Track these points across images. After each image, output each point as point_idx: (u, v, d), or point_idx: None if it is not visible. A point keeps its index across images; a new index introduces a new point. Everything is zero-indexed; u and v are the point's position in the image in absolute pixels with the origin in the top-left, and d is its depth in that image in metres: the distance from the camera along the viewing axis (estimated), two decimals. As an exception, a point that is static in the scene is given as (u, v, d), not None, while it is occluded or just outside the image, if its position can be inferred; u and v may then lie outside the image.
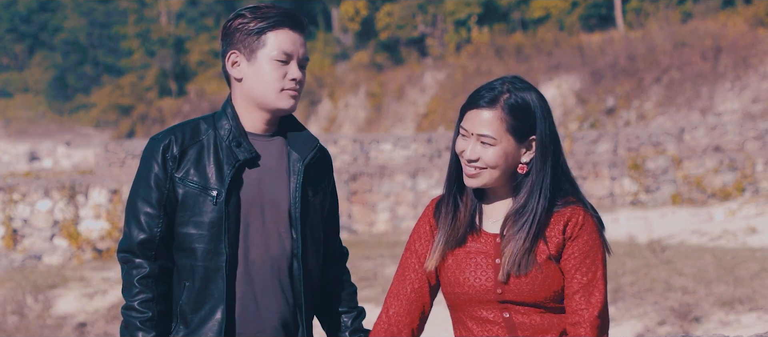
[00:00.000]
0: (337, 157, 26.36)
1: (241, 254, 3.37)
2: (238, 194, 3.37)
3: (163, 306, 3.38)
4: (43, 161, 46.97)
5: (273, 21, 3.39)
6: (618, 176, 21.89)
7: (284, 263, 3.41)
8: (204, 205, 3.35)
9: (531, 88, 3.22)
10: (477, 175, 3.19)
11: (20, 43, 62.45)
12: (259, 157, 3.40)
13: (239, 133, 3.40)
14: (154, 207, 3.36)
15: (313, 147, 3.46)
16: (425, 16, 42.72)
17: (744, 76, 31.25)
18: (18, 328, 14.43)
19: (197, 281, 3.36)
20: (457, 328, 3.28)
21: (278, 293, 3.40)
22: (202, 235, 3.35)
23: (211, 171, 3.37)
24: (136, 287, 3.35)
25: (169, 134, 3.41)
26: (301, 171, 3.41)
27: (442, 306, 3.38)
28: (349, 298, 3.61)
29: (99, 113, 53.53)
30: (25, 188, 19.82)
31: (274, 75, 3.38)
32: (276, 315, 3.40)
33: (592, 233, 3.19)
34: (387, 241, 19.29)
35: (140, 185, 3.40)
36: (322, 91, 42.30)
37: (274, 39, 3.38)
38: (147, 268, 3.35)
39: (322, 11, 49.25)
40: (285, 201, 3.41)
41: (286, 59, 3.38)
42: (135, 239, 3.36)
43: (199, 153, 3.38)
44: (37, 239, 19.67)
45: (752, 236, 16.88)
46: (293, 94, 3.39)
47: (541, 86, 34.28)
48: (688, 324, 11.55)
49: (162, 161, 3.37)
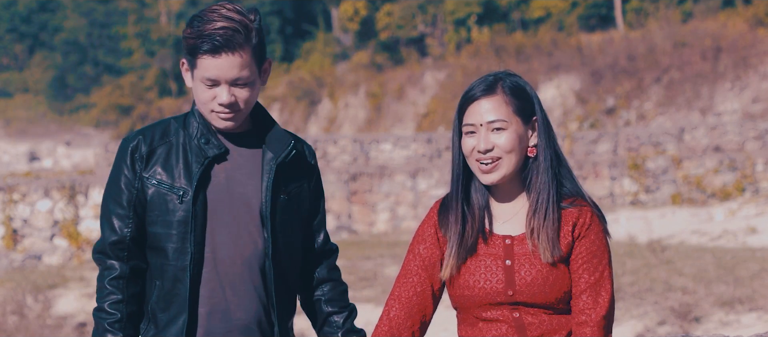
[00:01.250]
0: (337, 157, 26.36)
1: (209, 253, 3.35)
2: (206, 192, 3.35)
3: (135, 307, 3.37)
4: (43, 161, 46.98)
5: (199, 46, 3.29)
6: (618, 176, 21.89)
7: (256, 263, 3.37)
8: (171, 204, 3.33)
9: (518, 76, 3.25)
10: (494, 168, 3.17)
11: (20, 43, 62.48)
12: (228, 153, 3.38)
13: (208, 131, 3.37)
14: (123, 208, 3.35)
15: (287, 145, 3.42)
16: (425, 16, 42.73)
17: (744, 76, 31.25)
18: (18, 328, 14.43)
19: (166, 281, 3.35)
20: (463, 327, 3.26)
21: (250, 292, 3.38)
22: (170, 234, 3.33)
23: (178, 170, 3.35)
24: (107, 288, 3.35)
25: (139, 135, 3.40)
26: (273, 170, 3.38)
27: (443, 305, 3.37)
28: (340, 297, 3.57)
29: (99, 113, 53.54)
30: (25, 188, 19.82)
31: (204, 96, 3.32)
32: (247, 315, 3.37)
33: (599, 232, 3.20)
34: (387, 241, 19.28)
35: (111, 187, 3.39)
36: (322, 91, 42.30)
37: (201, 63, 3.30)
38: (118, 269, 3.34)
39: (322, 11, 49.25)
40: (256, 200, 3.37)
41: (212, 84, 3.31)
42: (107, 240, 3.36)
43: (167, 152, 3.37)
44: (37, 239, 19.67)
45: (752, 236, 16.88)
46: (224, 116, 3.32)
47: (541, 86, 34.28)
48: (688, 324, 11.55)
49: (130, 162, 3.36)
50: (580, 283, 3.17)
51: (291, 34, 50.21)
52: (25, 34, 62.23)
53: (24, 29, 62.04)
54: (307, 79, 43.17)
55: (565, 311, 3.20)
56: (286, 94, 43.57)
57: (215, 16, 3.31)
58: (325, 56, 46.98)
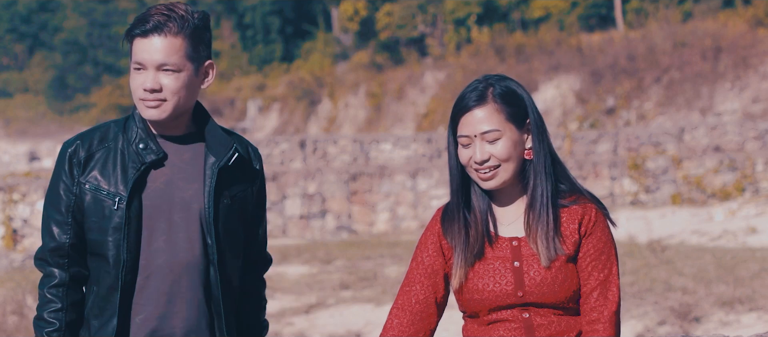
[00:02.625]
0: (337, 157, 26.37)
1: (144, 260, 3.29)
2: (141, 198, 3.28)
3: (75, 315, 3.32)
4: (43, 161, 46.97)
5: (131, 30, 3.26)
6: (618, 176, 21.89)
7: (196, 269, 3.30)
8: (107, 210, 3.27)
9: (509, 78, 3.23)
10: (493, 175, 3.16)
11: (20, 43, 62.47)
12: (167, 158, 3.31)
13: (146, 135, 3.30)
14: (62, 214, 3.30)
15: (229, 148, 3.33)
16: (425, 16, 42.71)
17: (744, 76, 31.24)
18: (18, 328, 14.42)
19: (102, 287, 3.29)
20: (470, 327, 3.25)
21: (188, 299, 3.31)
22: (106, 240, 3.27)
23: (115, 175, 3.28)
24: (46, 296, 3.30)
25: (77, 139, 3.34)
26: (215, 174, 3.30)
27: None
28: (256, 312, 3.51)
29: (99, 113, 53.53)
30: (25, 188, 19.81)
31: (133, 84, 3.27)
32: (185, 323, 3.31)
33: (605, 229, 3.20)
34: (387, 241, 19.28)
35: (50, 193, 3.35)
36: (322, 91, 42.29)
37: (133, 48, 3.26)
38: (57, 277, 3.29)
39: (322, 11, 49.24)
40: (197, 205, 3.30)
41: (139, 68, 3.26)
42: (46, 247, 3.31)
43: (105, 157, 3.31)
44: (37, 239, 19.66)
45: (752, 236, 16.88)
46: (150, 104, 3.26)
47: (541, 86, 34.28)
48: (688, 324, 11.55)
49: (68, 167, 3.31)
50: (590, 281, 3.17)
51: (291, 34, 50.20)
52: (25, 34, 62.22)
53: (24, 29, 62.03)
54: (307, 79, 43.17)
55: (574, 312, 3.20)
56: (286, 94, 43.57)
57: (159, 6, 3.30)
58: (325, 56, 46.96)
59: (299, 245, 18.64)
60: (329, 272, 15.73)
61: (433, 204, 21.41)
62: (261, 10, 49.85)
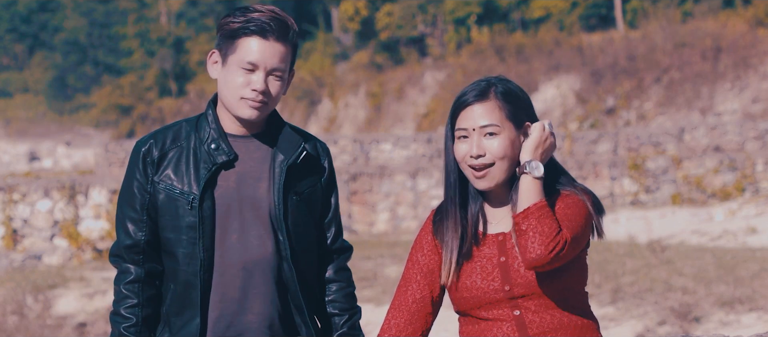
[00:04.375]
0: (337, 157, 26.36)
1: (218, 257, 3.35)
2: (214, 197, 3.34)
3: (151, 310, 3.38)
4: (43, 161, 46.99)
5: (247, 27, 3.30)
6: (618, 176, 21.89)
7: (269, 266, 3.36)
8: (181, 209, 3.33)
9: (511, 81, 3.24)
10: (487, 174, 3.17)
11: (20, 43, 62.48)
12: (238, 159, 3.37)
13: (218, 136, 3.36)
14: (137, 212, 3.37)
15: (298, 147, 3.41)
16: (425, 16, 42.73)
17: (744, 76, 31.25)
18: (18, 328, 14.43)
19: (179, 285, 3.36)
20: (465, 328, 3.26)
21: (263, 295, 3.37)
22: (180, 239, 3.34)
23: (188, 175, 3.35)
24: (123, 292, 3.36)
25: (151, 138, 3.40)
26: (284, 172, 3.37)
27: (443, 305, 3.37)
28: (344, 299, 3.55)
29: (99, 113, 53.55)
30: (25, 188, 19.82)
31: (237, 82, 3.31)
32: (260, 318, 3.37)
33: (579, 203, 3.16)
34: (387, 241, 19.28)
35: (125, 191, 3.41)
36: (322, 91, 42.30)
37: (244, 45, 3.31)
38: (133, 273, 3.35)
39: (322, 11, 49.25)
40: (266, 203, 3.36)
41: (252, 68, 3.31)
42: (122, 244, 3.37)
43: (178, 157, 3.37)
44: (37, 239, 19.67)
45: (752, 236, 16.88)
46: (254, 104, 3.32)
47: (541, 86, 34.29)
48: (688, 324, 11.55)
49: (142, 166, 3.37)
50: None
51: (291, 34, 50.22)
52: (25, 34, 62.24)
53: (24, 29, 62.05)
54: (307, 79, 43.18)
55: (569, 308, 3.19)
56: (286, 94, 43.59)
57: (264, 9, 3.34)
58: (326, 56, 46.97)
59: (299, 245, 18.61)
60: (329, 272, 15.71)
61: (433, 204, 21.41)
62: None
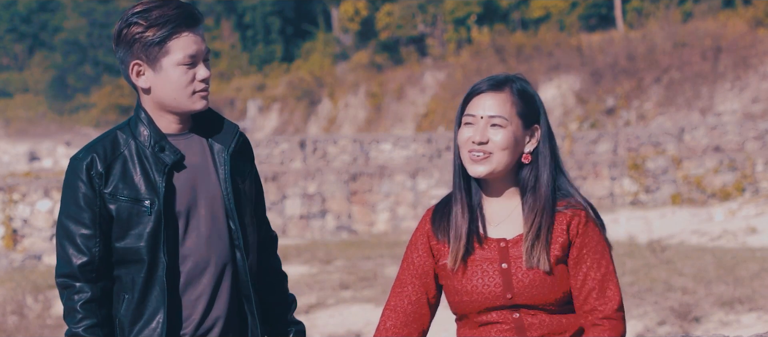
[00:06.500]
0: (337, 157, 26.37)
1: (182, 258, 3.32)
2: (173, 199, 3.31)
3: (108, 329, 3.32)
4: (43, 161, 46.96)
5: (171, 27, 3.27)
6: (618, 176, 21.89)
7: (227, 258, 3.35)
8: (139, 217, 3.28)
9: (529, 84, 3.25)
10: (484, 159, 3.15)
11: (20, 43, 62.47)
12: (184, 157, 3.34)
13: (160, 138, 3.33)
14: (88, 227, 3.29)
15: (235, 134, 3.40)
16: (425, 15, 42.71)
17: (744, 76, 31.24)
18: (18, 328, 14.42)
19: (136, 293, 3.30)
20: (463, 330, 3.24)
21: (226, 289, 3.36)
22: (140, 247, 3.28)
23: (140, 182, 3.30)
24: (80, 312, 3.28)
25: (90, 152, 3.31)
26: (228, 161, 3.36)
27: (442, 305, 3.36)
28: (281, 287, 3.56)
29: (99, 113, 53.53)
30: (25, 188, 19.82)
31: (183, 80, 3.29)
32: (225, 312, 3.36)
33: (595, 230, 3.17)
34: (387, 241, 19.28)
35: (70, 207, 3.31)
36: (321, 91, 42.29)
37: (177, 44, 3.28)
38: (89, 292, 3.28)
39: (322, 11, 49.24)
40: (218, 195, 3.35)
41: (192, 62, 3.31)
42: (74, 263, 3.28)
43: (123, 166, 3.31)
44: (37, 239, 19.67)
45: (752, 236, 16.88)
46: (204, 94, 3.33)
47: (541, 86, 34.27)
48: (688, 324, 11.55)
49: (88, 180, 3.28)
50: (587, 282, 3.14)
51: (291, 34, 50.20)
52: (25, 34, 62.22)
53: (24, 29, 62.03)
54: (307, 79, 43.16)
55: (567, 310, 3.18)
56: (286, 94, 43.56)
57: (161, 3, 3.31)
58: (325, 56, 46.95)
59: (299, 245, 18.63)
60: (329, 272, 15.73)
61: (433, 204, 21.41)
62: (261, 10, 49.85)
